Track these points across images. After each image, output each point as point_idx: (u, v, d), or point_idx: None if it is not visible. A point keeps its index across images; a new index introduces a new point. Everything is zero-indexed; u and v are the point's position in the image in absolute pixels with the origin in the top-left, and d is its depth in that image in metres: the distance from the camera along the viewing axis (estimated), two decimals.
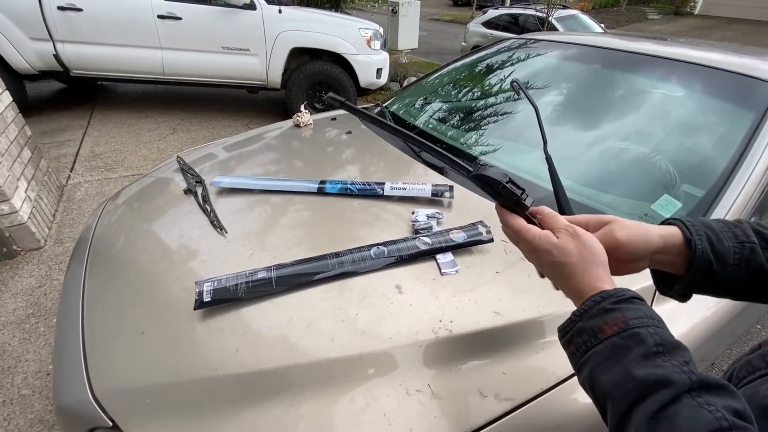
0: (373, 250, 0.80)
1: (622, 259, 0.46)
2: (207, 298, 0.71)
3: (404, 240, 0.83)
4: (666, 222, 0.49)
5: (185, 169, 1.20)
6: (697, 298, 0.89)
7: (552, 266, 0.44)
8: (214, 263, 0.83)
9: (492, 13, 8.25)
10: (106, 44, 3.71)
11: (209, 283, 0.74)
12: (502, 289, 0.76)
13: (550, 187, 0.94)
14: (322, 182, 1.05)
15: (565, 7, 8.13)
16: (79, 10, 3.53)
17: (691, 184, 1.06)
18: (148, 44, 3.78)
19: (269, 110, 4.69)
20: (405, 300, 0.72)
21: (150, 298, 0.79)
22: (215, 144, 1.45)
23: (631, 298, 0.38)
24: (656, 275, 0.51)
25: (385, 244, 0.82)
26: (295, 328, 0.68)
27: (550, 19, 6.87)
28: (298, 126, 1.53)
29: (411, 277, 0.77)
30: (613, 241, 0.46)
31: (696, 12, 15.18)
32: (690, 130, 1.20)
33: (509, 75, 1.58)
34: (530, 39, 1.80)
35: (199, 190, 1.07)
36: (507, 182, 0.47)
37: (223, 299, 0.71)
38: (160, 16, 3.72)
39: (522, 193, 0.48)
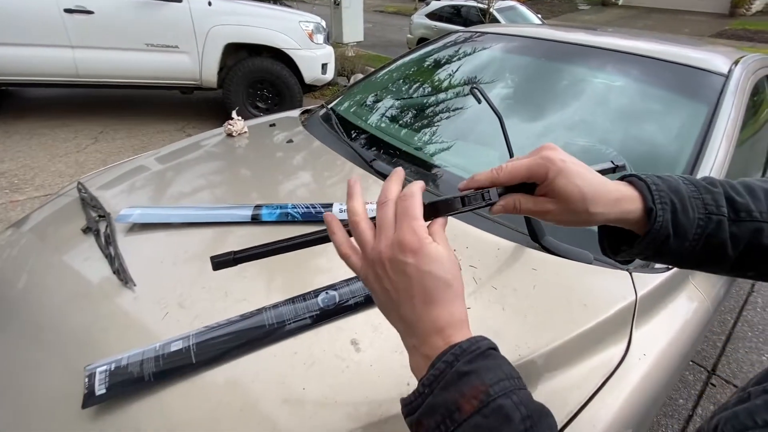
0: (321, 296, 0.66)
1: (569, 211, 0.38)
2: (100, 390, 0.53)
3: (358, 279, 0.70)
4: (627, 178, 0.40)
5: (86, 201, 0.98)
6: (678, 304, 0.85)
7: (421, 288, 0.32)
8: (115, 332, 0.64)
9: (435, 4, 8.24)
10: (2, 44, 3.19)
11: (104, 367, 0.56)
12: (474, 327, 0.65)
13: None
14: (258, 207, 0.88)
15: None
16: None
17: None
18: (55, 43, 3.30)
19: (207, 111, 4.33)
20: (363, 360, 0.59)
21: (18, 394, 0.59)
22: (127, 163, 1.22)
23: (487, 350, 0.31)
24: (602, 233, 0.45)
25: (335, 286, 0.68)
26: (224, 418, 0.53)
27: (491, 10, 6.96)
28: (230, 135, 1.34)
29: (369, 327, 0.64)
30: (543, 218, 0.40)
31: (620, 2, 16.25)
32: (645, 124, 1.17)
33: (463, 70, 1.48)
34: (478, 32, 1.71)
35: (102, 228, 0.87)
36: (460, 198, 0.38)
37: (124, 388, 0.54)
38: (68, 10, 3.25)
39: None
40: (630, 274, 0.80)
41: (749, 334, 2.09)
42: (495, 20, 6.91)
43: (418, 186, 0.36)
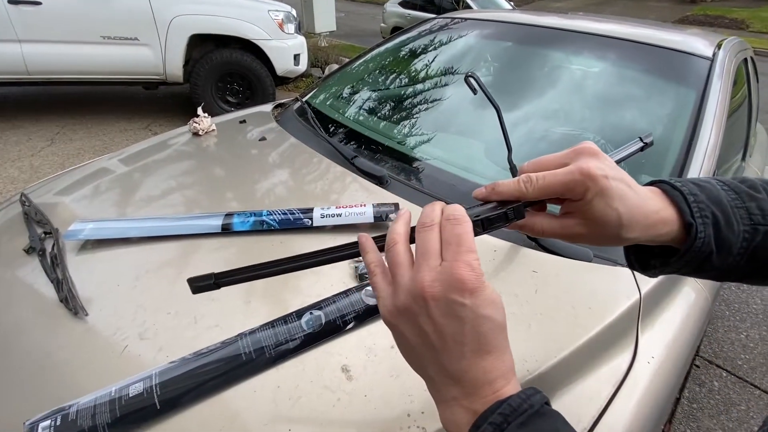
0: (305, 318, 0.58)
1: (599, 235, 0.33)
2: None
3: (345, 294, 0.62)
4: (659, 185, 0.35)
5: (30, 215, 0.86)
6: (679, 299, 0.82)
7: (475, 335, 0.27)
8: (62, 373, 0.55)
9: None
10: None
11: (48, 421, 0.47)
12: None
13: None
14: (228, 216, 0.79)
15: None
16: None
17: (647, 173, 0.99)
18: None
19: (174, 108, 4.11)
20: (357, 389, 0.52)
21: None
22: (81, 168, 1.10)
23: (542, 408, 0.26)
24: (630, 246, 0.39)
25: (320, 305, 0.61)
26: None
27: None
28: (196, 134, 1.23)
29: (361, 350, 0.57)
30: (569, 241, 0.35)
31: None
32: (636, 109, 1.13)
33: (446, 58, 1.41)
34: (458, 18, 1.64)
35: (48, 247, 0.76)
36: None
37: None
38: (13, 2, 2.99)
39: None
40: (632, 271, 0.76)
41: (726, 313, 2.14)
42: (468, 7, 6.86)
43: (464, 211, 0.29)
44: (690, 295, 0.83)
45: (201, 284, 0.33)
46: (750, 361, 1.82)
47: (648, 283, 0.74)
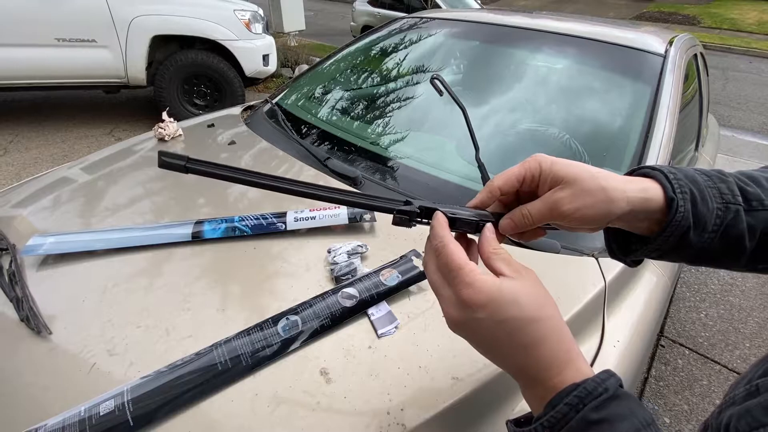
0: (282, 323, 0.58)
1: (583, 193, 0.35)
2: None
3: (322, 297, 0.62)
4: (641, 171, 0.39)
5: None
6: (641, 284, 0.87)
7: (507, 338, 0.31)
8: (26, 396, 0.52)
9: None
10: None
11: None
12: (453, 340, 0.60)
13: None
14: (199, 223, 0.77)
15: None
16: None
17: (608, 166, 1.04)
18: None
19: (138, 112, 3.95)
20: (336, 392, 0.52)
21: None
22: (38, 179, 1.04)
23: (617, 391, 0.28)
24: (609, 235, 0.42)
25: (296, 309, 0.60)
26: None
27: None
28: (162, 140, 1.19)
29: (340, 353, 0.57)
30: (559, 215, 0.35)
31: None
32: (595, 104, 1.18)
33: (416, 57, 1.42)
34: (426, 18, 1.66)
35: (6, 264, 0.72)
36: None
37: None
38: None
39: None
40: (597, 260, 0.80)
41: (687, 294, 2.27)
42: (437, 6, 6.93)
43: (444, 228, 0.34)
44: (651, 280, 0.88)
45: (171, 161, 0.33)
46: (710, 338, 1.93)
47: (612, 270, 0.78)
